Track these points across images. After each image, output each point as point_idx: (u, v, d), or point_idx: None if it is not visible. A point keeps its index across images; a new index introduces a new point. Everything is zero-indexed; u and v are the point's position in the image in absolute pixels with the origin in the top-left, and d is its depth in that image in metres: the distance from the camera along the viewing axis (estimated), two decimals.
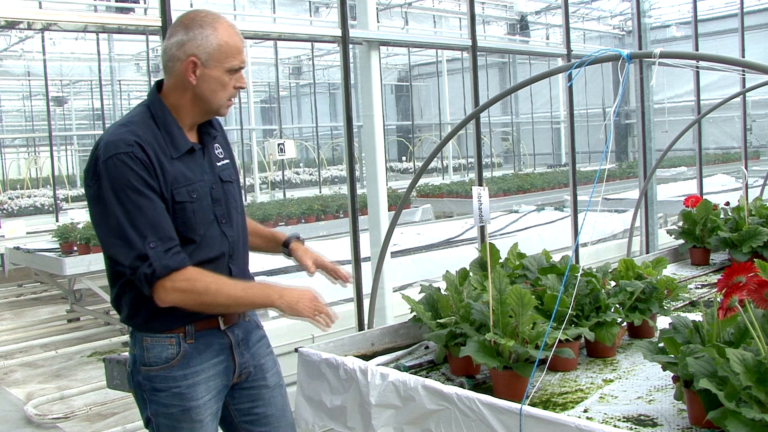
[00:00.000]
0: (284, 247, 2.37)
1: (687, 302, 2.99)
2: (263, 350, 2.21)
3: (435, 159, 12.67)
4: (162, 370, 1.98)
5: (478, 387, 2.16)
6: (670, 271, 3.50)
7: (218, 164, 2.09)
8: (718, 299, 1.83)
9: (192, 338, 1.99)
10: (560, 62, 6.69)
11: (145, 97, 2.07)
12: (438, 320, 2.28)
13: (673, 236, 3.95)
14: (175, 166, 1.94)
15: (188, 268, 1.90)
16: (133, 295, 1.96)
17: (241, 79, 2.02)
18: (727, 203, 4.11)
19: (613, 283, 2.55)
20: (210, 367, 2.03)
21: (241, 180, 10.25)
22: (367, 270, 3.52)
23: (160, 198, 1.90)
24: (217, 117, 2.13)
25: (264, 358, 2.20)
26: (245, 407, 2.17)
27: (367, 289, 3.45)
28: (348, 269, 2.37)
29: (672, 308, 2.77)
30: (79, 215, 8.05)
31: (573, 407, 1.94)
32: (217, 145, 2.12)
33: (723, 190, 9.04)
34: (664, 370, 1.87)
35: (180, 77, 1.96)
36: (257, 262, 5.67)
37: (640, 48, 5.72)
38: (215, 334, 2.04)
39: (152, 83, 2.09)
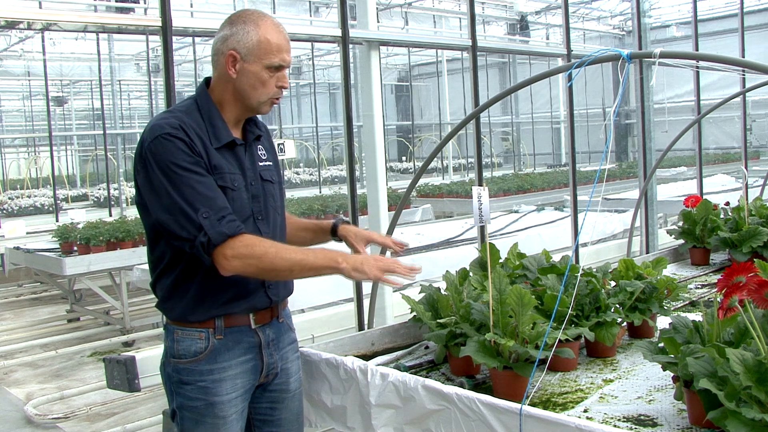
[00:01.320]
0: (333, 234, 2.35)
1: (687, 302, 2.99)
2: (291, 354, 2.22)
3: (435, 159, 12.67)
4: (190, 364, 2.00)
5: (478, 387, 2.16)
6: (670, 271, 3.50)
7: (260, 164, 2.12)
8: (718, 299, 1.83)
9: (221, 334, 2.01)
10: (560, 62, 6.68)
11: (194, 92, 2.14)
12: (438, 320, 2.28)
13: (673, 236, 3.95)
14: (216, 155, 1.99)
15: (245, 235, 1.92)
16: (169, 282, 2.01)
17: (283, 78, 2.04)
18: (727, 203, 4.11)
19: (613, 283, 2.55)
20: (237, 365, 2.03)
21: None
22: None
23: (211, 177, 1.95)
24: (260, 118, 2.19)
25: (291, 362, 2.21)
26: (263, 407, 2.17)
27: (367, 289, 3.46)
28: (401, 238, 2.32)
29: (672, 308, 2.77)
30: (79, 215, 8.06)
31: (573, 407, 1.94)
32: (260, 146, 2.17)
33: (723, 190, 9.04)
34: (664, 370, 1.87)
35: (222, 71, 2.03)
36: None
37: (640, 48, 5.72)
38: (245, 332, 2.06)
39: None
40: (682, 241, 3.89)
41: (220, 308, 2.00)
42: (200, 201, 1.89)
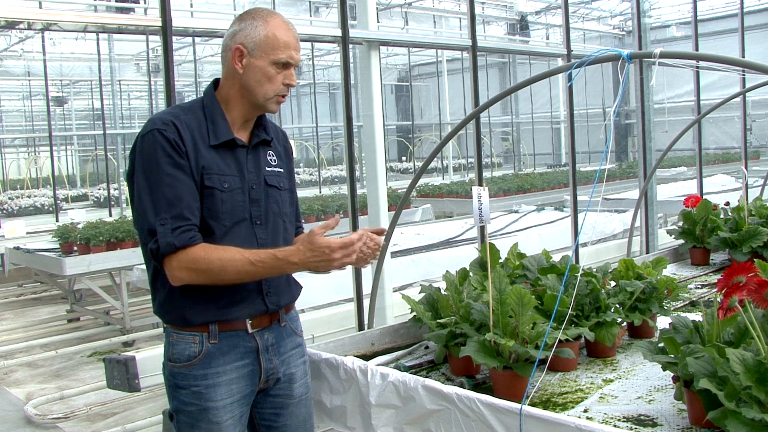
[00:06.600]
0: None
1: (687, 302, 2.99)
2: (296, 359, 2.16)
3: (435, 159, 12.66)
4: (184, 368, 1.97)
5: (478, 387, 2.16)
6: (670, 271, 3.50)
7: (267, 168, 2.09)
8: (718, 299, 1.83)
9: (215, 338, 1.97)
10: (560, 62, 6.68)
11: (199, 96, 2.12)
12: (438, 320, 2.28)
13: (673, 236, 3.95)
14: (211, 154, 1.97)
15: (195, 247, 1.88)
16: (164, 285, 1.97)
17: (290, 76, 2.02)
18: (727, 203, 4.11)
19: (613, 283, 2.55)
20: (233, 370, 1.99)
21: None
22: (367, 270, 3.52)
23: (191, 178, 1.92)
24: (272, 120, 2.17)
25: (295, 367, 2.15)
26: (267, 413, 2.13)
27: (367, 289, 3.45)
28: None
29: (672, 308, 2.77)
30: (79, 215, 8.05)
31: (573, 407, 1.94)
32: (271, 152, 2.14)
33: (723, 190, 9.04)
34: (664, 370, 1.87)
35: (229, 66, 2.02)
36: None
37: (640, 48, 5.72)
38: (241, 337, 2.01)
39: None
40: (682, 241, 3.89)
41: (214, 313, 1.96)
42: (164, 206, 1.86)
